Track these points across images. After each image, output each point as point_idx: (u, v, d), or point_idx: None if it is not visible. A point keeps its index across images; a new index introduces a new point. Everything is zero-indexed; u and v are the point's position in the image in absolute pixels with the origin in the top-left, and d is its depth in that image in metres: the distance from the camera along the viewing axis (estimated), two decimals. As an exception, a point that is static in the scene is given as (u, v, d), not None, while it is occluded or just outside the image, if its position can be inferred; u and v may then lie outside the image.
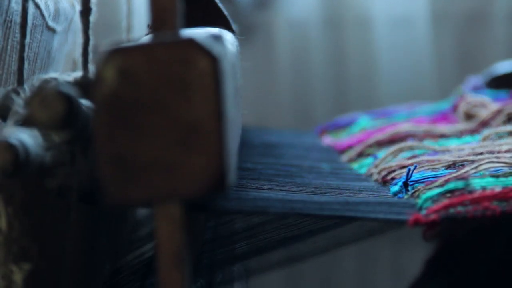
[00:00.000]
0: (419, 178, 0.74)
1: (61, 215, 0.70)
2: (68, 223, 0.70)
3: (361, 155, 0.99)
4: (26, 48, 0.78)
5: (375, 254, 1.82)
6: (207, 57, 0.58)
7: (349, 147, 1.04)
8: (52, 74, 0.75)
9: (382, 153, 0.92)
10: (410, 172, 0.74)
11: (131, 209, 0.93)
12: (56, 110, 0.60)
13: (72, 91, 0.62)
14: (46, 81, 0.69)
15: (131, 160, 0.58)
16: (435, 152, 0.86)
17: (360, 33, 1.79)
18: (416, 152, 0.87)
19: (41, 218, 0.69)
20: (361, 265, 1.84)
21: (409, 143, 0.91)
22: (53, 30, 0.87)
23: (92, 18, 0.75)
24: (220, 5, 0.89)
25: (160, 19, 0.60)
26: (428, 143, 0.90)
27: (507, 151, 0.78)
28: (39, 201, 0.69)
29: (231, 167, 0.63)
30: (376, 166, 0.86)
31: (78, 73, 0.75)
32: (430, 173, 0.75)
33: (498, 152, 0.78)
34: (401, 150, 0.89)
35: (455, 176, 0.67)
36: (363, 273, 1.84)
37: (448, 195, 0.64)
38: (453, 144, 0.90)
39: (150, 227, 0.91)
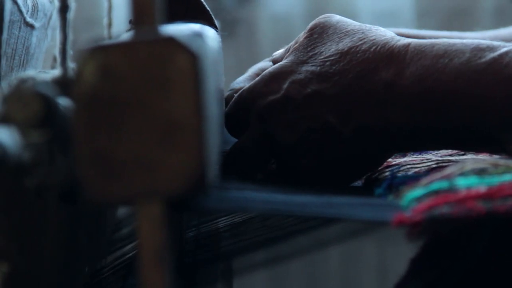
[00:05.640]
0: (403, 179, 0.73)
1: (40, 215, 0.69)
2: (48, 223, 0.69)
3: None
4: (4, 45, 0.77)
5: (360, 252, 1.82)
6: (186, 54, 0.57)
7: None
8: (31, 72, 0.74)
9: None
10: (394, 172, 0.74)
11: (111, 208, 0.92)
12: (33, 110, 0.59)
13: (50, 91, 0.61)
14: (22, 80, 0.68)
15: (111, 159, 0.57)
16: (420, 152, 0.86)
17: (344, 28, 1.78)
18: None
19: (19, 218, 0.68)
20: (346, 264, 1.83)
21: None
22: (31, 26, 0.86)
23: (72, 14, 0.74)
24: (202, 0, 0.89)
25: (140, 15, 0.59)
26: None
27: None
28: (17, 200, 0.68)
29: (213, 165, 0.62)
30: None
31: (57, 71, 0.74)
32: (414, 174, 0.75)
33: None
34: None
35: (440, 176, 0.67)
36: (348, 272, 1.84)
37: (433, 195, 0.64)
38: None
39: (131, 227, 0.91)
